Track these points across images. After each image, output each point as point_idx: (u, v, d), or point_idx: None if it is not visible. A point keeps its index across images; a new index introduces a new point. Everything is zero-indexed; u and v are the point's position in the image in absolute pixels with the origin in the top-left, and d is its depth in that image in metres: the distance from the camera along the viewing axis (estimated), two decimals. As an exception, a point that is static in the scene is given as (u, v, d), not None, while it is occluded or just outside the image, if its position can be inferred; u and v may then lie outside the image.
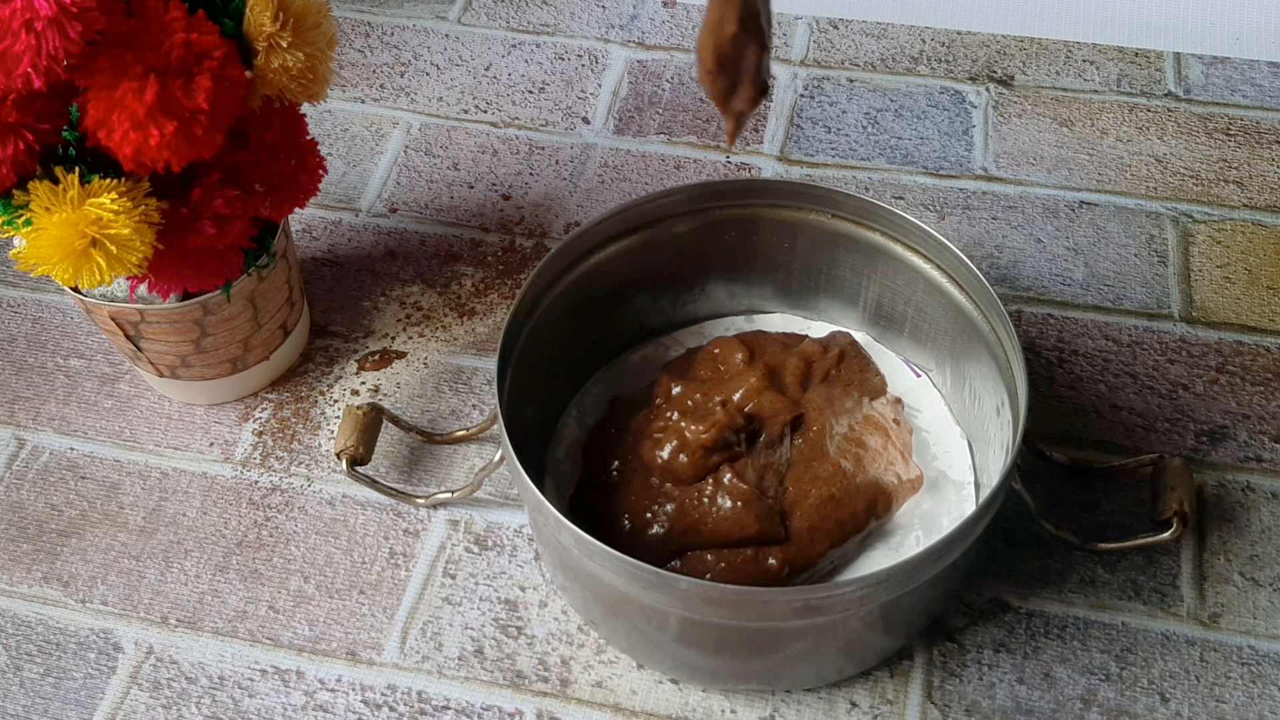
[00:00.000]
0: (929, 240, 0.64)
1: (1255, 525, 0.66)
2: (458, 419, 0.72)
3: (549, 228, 0.81)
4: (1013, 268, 0.78)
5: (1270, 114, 0.86)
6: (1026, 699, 0.60)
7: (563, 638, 0.63)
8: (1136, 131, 0.85)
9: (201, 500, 0.69)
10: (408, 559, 0.66)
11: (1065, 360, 0.73)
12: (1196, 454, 0.69)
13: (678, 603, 0.53)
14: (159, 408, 0.73)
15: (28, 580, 0.66)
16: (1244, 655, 0.62)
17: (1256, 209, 0.81)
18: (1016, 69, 0.90)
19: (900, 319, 0.69)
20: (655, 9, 0.95)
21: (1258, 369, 0.73)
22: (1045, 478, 0.68)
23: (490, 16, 0.95)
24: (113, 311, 0.65)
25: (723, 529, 0.60)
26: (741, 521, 0.60)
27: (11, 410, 0.73)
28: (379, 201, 0.83)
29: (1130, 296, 0.76)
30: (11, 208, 0.56)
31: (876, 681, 0.61)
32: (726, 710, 0.61)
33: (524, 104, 0.89)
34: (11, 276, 0.80)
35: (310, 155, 0.64)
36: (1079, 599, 0.64)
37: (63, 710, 0.61)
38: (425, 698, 0.61)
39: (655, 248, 0.68)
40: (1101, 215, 0.81)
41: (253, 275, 0.66)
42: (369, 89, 0.90)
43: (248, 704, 0.61)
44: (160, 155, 0.54)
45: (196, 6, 0.56)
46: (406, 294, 0.78)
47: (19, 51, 0.50)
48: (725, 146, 0.85)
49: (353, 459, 0.65)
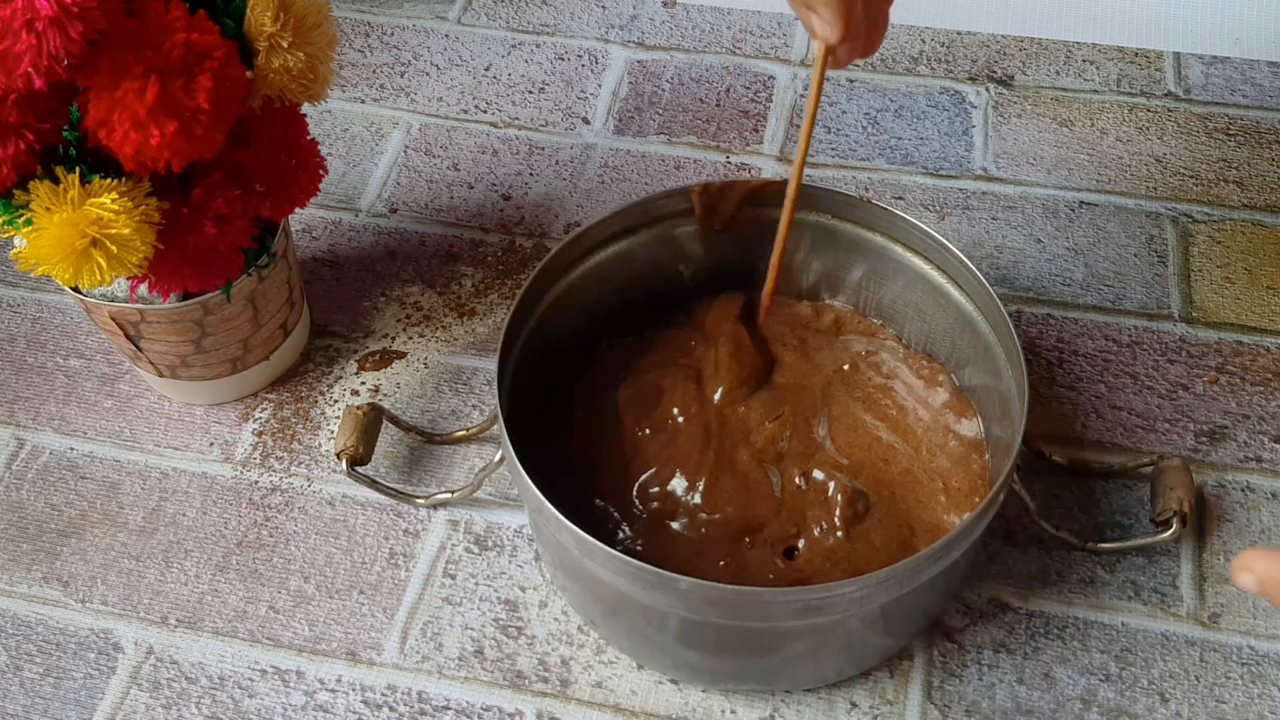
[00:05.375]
0: (929, 241, 0.64)
1: (1255, 525, 0.66)
2: (458, 419, 0.72)
3: (549, 228, 0.81)
4: (1013, 268, 0.78)
5: (1270, 114, 0.86)
6: (1026, 699, 0.60)
7: (563, 638, 0.63)
8: (1136, 131, 0.85)
9: (201, 500, 0.69)
10: (408, 559, 0.66)
11: (1065, 360, 0.73)
12: (1196, 454, 0.69)
13: (678, 603, 0.53)
14: (159, 408, 0.73)
15: (28, 580, 0.66)
16: (1244, 655, 0.62)
17: (1256, 209, 0.81)
18: (1016, 69, 0.90)
19: (900, 319, 0.69)
20: (655, 9, 0.95)
21: (1258, 369, 0.73)
22: (1045, 478, 0.68)
23: (490, 16, 0.95)
24: (113, 311, 0.65)
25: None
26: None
27: (11, 410, 0.73)
28: (379, 201, 0.83)
29: (1130, 296, 0.76)
30: (12, 207, 0.56)
31: (876, 682, 0.61)
32: (726, 710, 0.61)
33: (524, 104, 0.89)
34: (11, 276, 0.80)
35: (310, 155, 0.64)
36: (1079, 599, 0.64)
37: (63, 710, 0.61)
38: (425, 698, 0.61)
39: (655, 248, 0.68)
40: (1101, 215, 0.81)
41: (253, 275, 0.66)
42: (369, 89, 0.90)
43: (248, 704, 0.61)
44: (161, 155, 0.54)
45: (197, 6, 0.56)
46: (406, 294, 0.78)
47: (20, 51, 0.50)
48: (725, 147, 0.85)
49: (353, 459, 0.65)
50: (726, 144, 0.86)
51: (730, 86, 0.89)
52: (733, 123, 0.87)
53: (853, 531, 0.61)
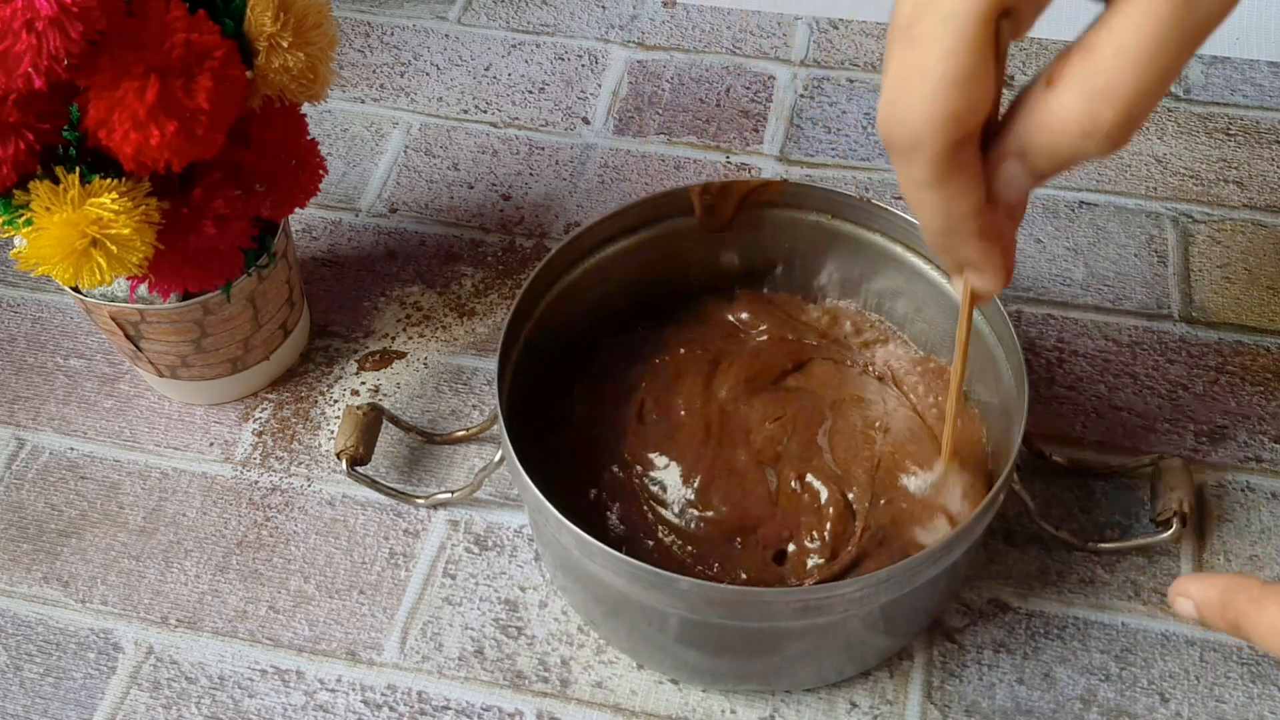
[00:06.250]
0: (929, 240, 0.64)
1: (1255, 525, 0.66)
2: (458, 419, 0.72)
3: (549, 228, 0.81)
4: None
5: (1270, 114, 0.86)
6: (1026, 699, 0.61)
7: (563, 638, 0.63)
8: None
9: (201, 500, 0.69)
10: (408, 559, 0.66)
11: (1065, 360, 0.73)
12: (1196, 454, 0.69)
13: (678, 603, 0.53)
14: (159, 408, 0.73)
15: (28, 580, 0.66)
16: (1244, 655, 0.62)
17: (1256, 209, 0.81)
18: (1016, 69, 0.90)
19: (900, 319, 0.69)
20: (655, 9, 0.95)
21: (1258, 369, 0.73)
22: (1045, 478, 0.68)
23: (490, 16, 0.95)
24: (113, 311, 0.65)
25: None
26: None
27: (11, 410, 0.73)
28: (379, 201, 0.83)
29: (1130, 296, 0.76)
30: (12, 207, 0.56)
31: (876, 682, 0.61)
32: (726, 710, 0.61)
33: (524, 104, 0.89)
34: (11, 276, 0.80)
35: (310, 155, 0.64)
36: (1079, 599, 0.64)
37: (62, 710, 0.61)
38: (425, 698, 0.61)
39: (655, 248, 0.68)
40: (1101, 215, 0.81)
41: (253, 275, 0.66)
42: (369, 89, 0.90)
43: (248, 704, 0.61)
44: (161, 155, 0.54)
45: (197, 6, 0.56)
46: (406, 294, 0.78)
47: (20, 51, 0.50)
48: (725, 146, 0.85)
49: (353, 459, 0.65)
50: (726, 144, 0.86)
51: (730, 86, 0.89)
52: (733, 123, 0.87)
53: (842, 539, 0.60)
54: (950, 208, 0.41)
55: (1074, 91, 0.37)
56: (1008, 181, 0.40)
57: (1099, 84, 0.36)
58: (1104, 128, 0.36)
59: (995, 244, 0.43)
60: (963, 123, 0.38)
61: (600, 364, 0.68)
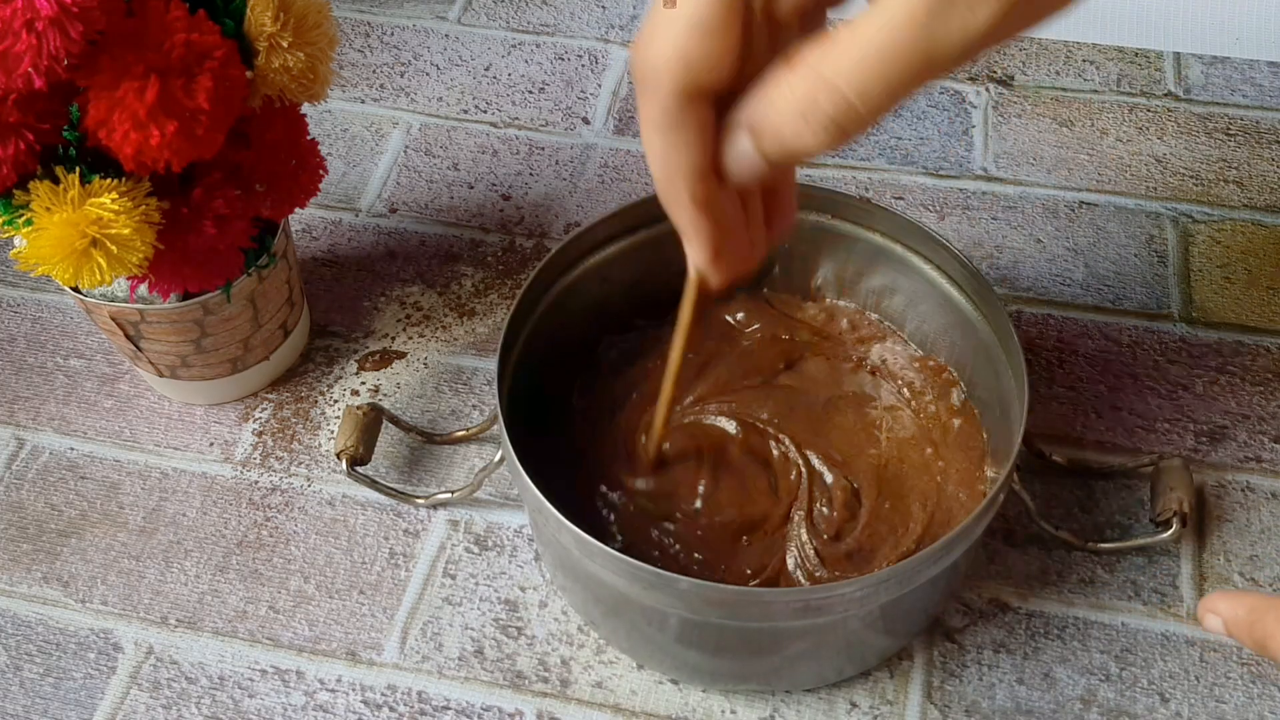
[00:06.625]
0: (929, 241, 0.64)
1: (1255, 525, 0.66)
2: (458, 419, 0.72)
3: (549, 228, 0.81)
4: (1013, 268, 0.78)
5: (1270, 114, 0.86)
6: (1026, 699, 0.60)
7: (563, 638, 0.63)
8: (1136, 131, 0.85)
9: (201, 500, 0.69)
10: (408, 559, 0.66)
11: (1065, 360, 0.73)
12: (1196, 454, 0.69)
13: (678, 603, 0.53)
14: (159, 408, 0.73)
15: (28, 580, 0.66)
16: (1244, 655, 0.62)
17: (1256, 209, 0.81)
18: (1016, 69, 0.90)
19: (900, 319, 0.69)
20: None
21: (1258, 369, 0.73)
22: (1045, 478, 0.68)
23: (490, 16, 0.95)
24: (113, 311, 0.65)
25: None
26: None
27: (11, 410, 0.73)
28: (379, 201, 0.83)
29: (1130, 297, 0.76)
30: (12, 207, 0.56)
31: (876, 682, 0.61)
32: (726, 710, 0.61)
33: (524, 104, 0.89)
34: (11, 276, 0.80)
35: (310, 155, 0.64)
36: (1079, 599, 0.64)
37: (63, 710, 0.61)
38: (425, 698, 0.61)
39: (655, 248, 0.68)
40: (1101, 215, 0.81)
41: (253, 275, 0.66)
42: (369, 89, 0.90)
43: (248, 704, 0.61)
44: (161, 155, 0.54)
45: (197, 6, 0.56)
46: (406, 294, 0.78)
47: (20, 51, 0.50)
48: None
49: (353, 459, 0.65)
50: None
51: (730, 86, 0.89)
52: (733, 123, 0.87)
53: (846, 535, 0.61)
54: (670, 158, 0.41)
55: (801, 74, 0.37)
56: (737, 156, 0.40)
57: (825, 73, 0.36)
58: (819, 118, 0.37)
59: (707, 217, 0.43)
60: (693, 69, 0.39)
61: (600, 364, 0.68)
